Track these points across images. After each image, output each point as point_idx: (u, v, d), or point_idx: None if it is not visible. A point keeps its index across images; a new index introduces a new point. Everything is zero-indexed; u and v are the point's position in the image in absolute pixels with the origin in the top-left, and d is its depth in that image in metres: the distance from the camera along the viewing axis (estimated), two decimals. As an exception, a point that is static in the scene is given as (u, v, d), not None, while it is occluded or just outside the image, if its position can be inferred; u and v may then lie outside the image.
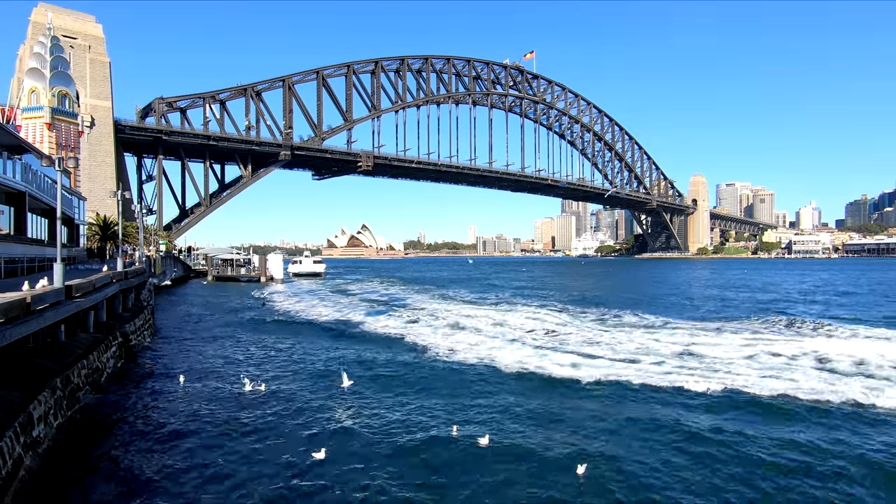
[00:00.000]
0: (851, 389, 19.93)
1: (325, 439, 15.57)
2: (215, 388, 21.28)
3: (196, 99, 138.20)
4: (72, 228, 49.75)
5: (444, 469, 13.65)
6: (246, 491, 12.30)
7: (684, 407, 18.73)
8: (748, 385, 20.83)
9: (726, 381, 21.32)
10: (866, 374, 22.53)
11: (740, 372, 23.07)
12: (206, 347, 30.74)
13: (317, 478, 12.97)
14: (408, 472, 13.46)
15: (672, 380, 21.71)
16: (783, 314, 43.78)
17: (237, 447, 14.92)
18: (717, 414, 18.01)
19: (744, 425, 16.82)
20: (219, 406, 18.75)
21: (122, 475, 13.11)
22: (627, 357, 26.61)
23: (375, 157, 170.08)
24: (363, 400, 19.76)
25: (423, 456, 14.46)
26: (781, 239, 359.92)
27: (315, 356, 28.32)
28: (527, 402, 19.27)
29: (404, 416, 17.79)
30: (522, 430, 16.45)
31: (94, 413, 17.52)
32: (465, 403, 19.22)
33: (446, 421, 17.31)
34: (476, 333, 34.90)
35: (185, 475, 13.10)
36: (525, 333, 34.68)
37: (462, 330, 36.48)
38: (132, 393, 20.46)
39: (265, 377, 22.83)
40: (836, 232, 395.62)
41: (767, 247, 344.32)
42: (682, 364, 24.85)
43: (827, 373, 22.81)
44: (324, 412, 18.21)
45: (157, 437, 15.76)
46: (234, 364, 26.19)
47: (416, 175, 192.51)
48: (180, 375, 22.16)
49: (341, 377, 22.00)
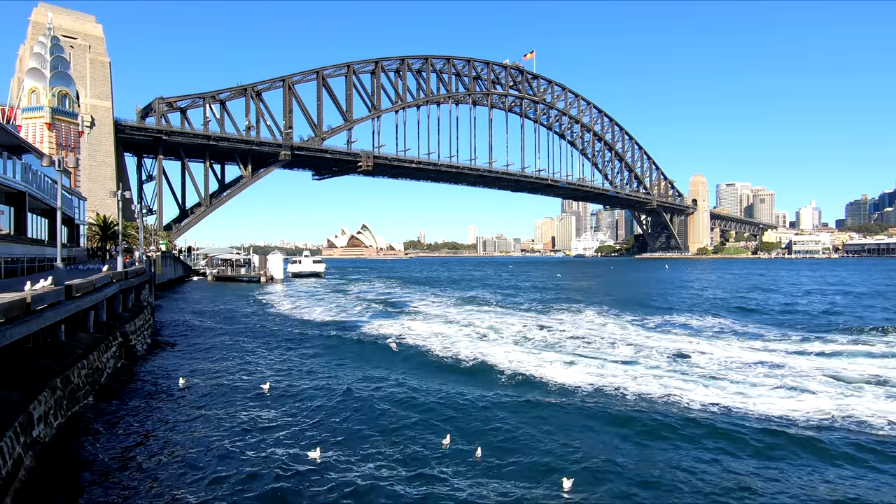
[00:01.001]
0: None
1: (321, 440, 15.64)
2: (215, 388, 21.34)
3: (196, 99, 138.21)
4: (72, 228, 49.81)
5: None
6: (244, 491, 12.36)
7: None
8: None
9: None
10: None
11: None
12: (205, 348, 30.79)
13: (311, 477, 13.04)
14: (398, 467, 13.54)
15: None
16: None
17: (236, 448, 14.97)
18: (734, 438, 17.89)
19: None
20: (218, 407, 18.80)
21: (119, 476, 13.16)
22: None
23: (375, 158, 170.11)
24: (361, 402, 19.81)
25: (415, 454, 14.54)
26: (781, 239, 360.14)
27: (314, 360, 28.37)
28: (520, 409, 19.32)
29: (396, 415, 17.88)
30: (513, 438, 16.48)
31: (95, 413, 17.57)
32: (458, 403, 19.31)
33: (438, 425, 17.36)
34: (472, 335, 34.98)
35: (183, 477, 13.16)
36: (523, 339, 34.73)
37: (460, 329, 36.58)
38: (132, 393, 20.53)
39: (265, 378, 22.88)
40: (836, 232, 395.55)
41: (767, 247, 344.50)
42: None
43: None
44: (320, 413, 18.28)
45: (156, 437, 15.83)
46: (233, 364, 26.24)
47: (416, 175, 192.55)
48: (180, 377, 22.21)
49: (339, 378, 22.07)
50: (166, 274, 77.76)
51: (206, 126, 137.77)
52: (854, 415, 17.51)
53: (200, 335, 35.35)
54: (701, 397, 19.52)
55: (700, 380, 22.04)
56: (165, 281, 75.32)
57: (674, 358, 26.47)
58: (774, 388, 20.65)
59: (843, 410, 17.86)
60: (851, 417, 17.29)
